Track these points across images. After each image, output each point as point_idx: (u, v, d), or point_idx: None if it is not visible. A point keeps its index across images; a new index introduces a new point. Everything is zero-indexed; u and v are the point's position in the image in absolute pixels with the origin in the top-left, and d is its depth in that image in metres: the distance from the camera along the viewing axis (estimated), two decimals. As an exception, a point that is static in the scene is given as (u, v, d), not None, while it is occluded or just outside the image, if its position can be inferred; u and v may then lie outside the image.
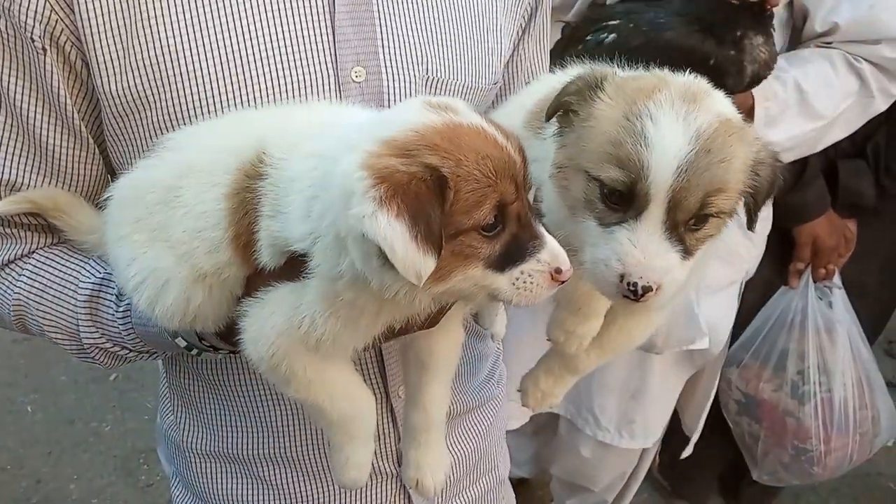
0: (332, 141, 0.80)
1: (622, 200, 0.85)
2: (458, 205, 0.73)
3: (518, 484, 2.40)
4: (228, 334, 0.93)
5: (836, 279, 2.36)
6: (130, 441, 3.44)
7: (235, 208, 0.85)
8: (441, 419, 1.04)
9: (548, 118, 0.92)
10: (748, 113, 1.86)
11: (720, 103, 0.88)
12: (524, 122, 1.07)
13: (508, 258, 0.78)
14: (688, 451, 2.57)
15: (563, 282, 0.79)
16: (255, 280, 0.88)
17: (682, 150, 0.82)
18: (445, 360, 1.01)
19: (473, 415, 1.38)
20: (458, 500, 1.38)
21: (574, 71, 1.11)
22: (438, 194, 0.72)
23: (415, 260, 0.71)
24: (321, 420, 0.96)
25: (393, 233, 0.70)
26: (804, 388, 2.39)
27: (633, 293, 0.84)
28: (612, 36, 1.67)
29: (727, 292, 2.24)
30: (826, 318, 2.35)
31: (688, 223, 0.86)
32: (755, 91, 1.86)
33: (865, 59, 1.94)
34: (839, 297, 2.35)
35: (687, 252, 0.87)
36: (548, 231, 0.81)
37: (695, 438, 2.54)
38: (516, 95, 1.24)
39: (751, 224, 0.93)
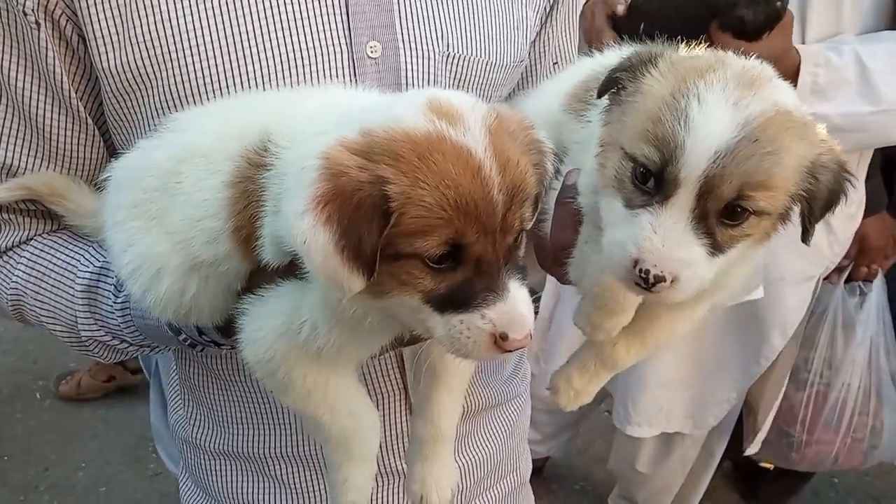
0: (331, 121, 0.74)
1: (653, 182, 0.79)
2: (401, 227, 0.67)
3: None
4: (228, 330, 0.88)
5: (879, 282, 2.31)
6: (139, 428, 3.42)
7: (237, 198, 0.79)
8: (450, 432, 0.98)
9: (599, 95, 0.86)
10: (792, 74, 1.70)
11: (782, 93, 0.80)
12: (563, 105, 1.02)
13: (451, 301, 0.70)
14: (754, 448, 2.52)
15: (508, 350, 0.71)
16: (259, 276, 0.82)
17: (725, 136, 0.74)
18: (458, 369, 0.95)
19: (498, 412, 1.33)
20: (479, 502, 1.33)
21: (616, 51, 1.04)
22: (380, 213, 0.66)
23: (338, 273, 0.66)
24: (319, 434, 0.90)
25: (314, 238, 0.65)
26: (803, 374, 2.38)
27: (644, 281, 0.77)
28: None
29: (804, 286, 2.16)
30: (847, 315, 2.31)
31: (720, 215, 0.79)
32: (804, 53, 1.73)
33: None
34: (873, 300, 2.30)
35: (716, 248, 0.79)
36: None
37: (761, 436, 2.48)
38: (553, 80, 1.17)
39: (805, 236, 0.85)
